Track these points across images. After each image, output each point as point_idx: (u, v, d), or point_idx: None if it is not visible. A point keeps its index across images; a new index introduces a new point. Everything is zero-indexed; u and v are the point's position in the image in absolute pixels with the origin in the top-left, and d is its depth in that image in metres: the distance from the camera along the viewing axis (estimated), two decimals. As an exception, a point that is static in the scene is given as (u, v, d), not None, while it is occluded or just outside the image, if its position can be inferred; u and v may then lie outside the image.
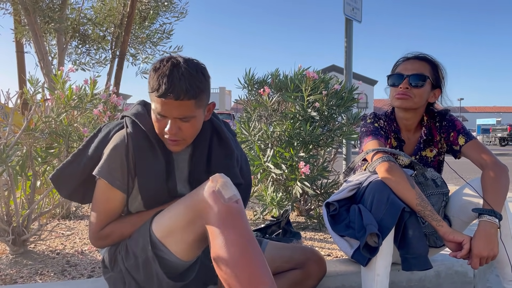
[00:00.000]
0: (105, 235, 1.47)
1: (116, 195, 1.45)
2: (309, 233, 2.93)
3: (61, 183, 1.53)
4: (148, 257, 1.36)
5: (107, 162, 1.42)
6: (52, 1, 4.40)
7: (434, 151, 1.95)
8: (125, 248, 1.44)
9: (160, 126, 1.41)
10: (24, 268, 2.03)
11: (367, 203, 1.65)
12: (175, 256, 1.36)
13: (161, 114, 1.37)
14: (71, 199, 1.60)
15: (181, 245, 1.35)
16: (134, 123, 1.47)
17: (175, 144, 1.43)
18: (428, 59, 1.90)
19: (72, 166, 1.51)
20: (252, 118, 3.29)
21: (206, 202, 1.27)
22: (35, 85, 2.31)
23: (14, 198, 2.15)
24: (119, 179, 1.42)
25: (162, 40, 5.31)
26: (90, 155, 1.50)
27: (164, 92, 1.32)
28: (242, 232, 1.25)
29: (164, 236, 1.36)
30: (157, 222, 1.39)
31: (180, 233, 1.33)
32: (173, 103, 1.33)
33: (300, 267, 1.63)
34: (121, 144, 1.42)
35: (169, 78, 1.31)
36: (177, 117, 1.37)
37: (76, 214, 3.34)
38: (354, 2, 4.19)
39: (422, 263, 1.56)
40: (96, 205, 1.47)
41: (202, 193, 1.29)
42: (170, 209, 1.39)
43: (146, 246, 1.37)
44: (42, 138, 2.17)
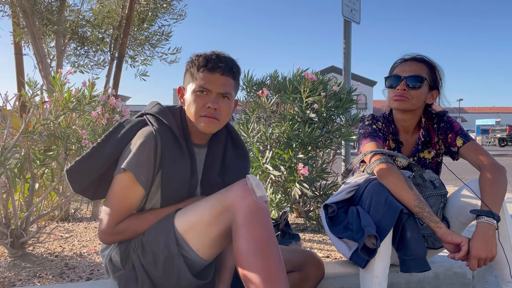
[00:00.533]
0: (120, 231, 1.46)
1: (137, 191, 1.44)
2: (308, 234, 2.93)
3: (76, 177, 1.50)
4: (172, 254, 1.38)
5: (136, 156, 1.41)
6: (51, 4, 4.39)
7: (432, 152, 1.96)
8: (141, 245, 1.43)
9: (200, 103, 1.46)
10: (22, 271, 2.02)
11: (365, 205, 1.65)
12: (194, 253, 1.39)
13: (206, 88, 1.46)
14: (82, 194, 1.57)
15: (203, 241, 1.38)
16: (159, 120, 1.49)
17: (211, 122, 1.47)
18: (426, 60, 1.90)
19: (91, 160, 1.48)
20: (251, 119, 3.29)
21: (238, 196, 1.33)
22: (34, 87, 2.31)
23: (13, 201, 2.15)
24: (144, 175, 1.43)
25: (161, 42, 5.30)
26: (111, 150, 1.48)
27: (213, 65, 1.45)
28: (266, 229, 1.32)
29: (187, 231, 1.38)
30: (181, 217, 1.41)
31: (205, 227, 1.37)
32: (219, 78, 1.47)
33: (299, 269, 1.64)
34: (150, 140, 1.43)
35: (217, 56, 1.49)
36: (220, 92, 1.47)
37: (74, 217, 3.34)
38: (353, 3, 4.20)
39: (420, 264, 1.56)
40: (113, 201, 1.45)
41: (236, 189, 1.36)
42: (195, 205, 1.42)
43: (170, 242, 1.38)
44: (41, 140, 2.17)
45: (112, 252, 1.52)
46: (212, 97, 1.47)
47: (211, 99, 1.46)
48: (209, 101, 1.46)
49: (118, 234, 1.46)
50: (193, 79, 1.48)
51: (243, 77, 3.38)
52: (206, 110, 1.46)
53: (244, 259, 1.29)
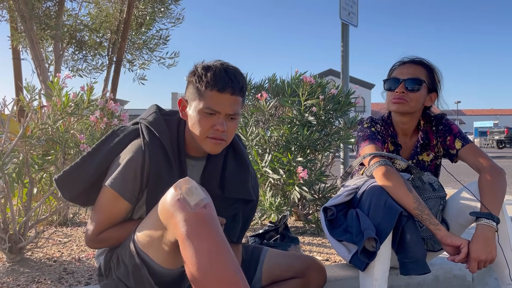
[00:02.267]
0: (102, 239, 1.45)
1: (123, 205, 1.42)
2: (308, 238, 2.93)
3: (66, 185, 1.47)
4: (137, 264, 1.33)
5: (121, 173, 1.38)
6: (49, 8, 4.40)
7: (431, 155, 1.96)
8: (117, 256, 1.42)
9: (207, 124, 1.38)
10: (21, 276, 2.01)
11: (364, 208, 1.64)
12: (159, 265, 1.32)
13: (214, 109, 1.37)
14: (73, 202, 1.55)
15: (161, 254, 1.31)
16: (151, 133, 1.44)
17: (219, 144, 1.41)
18: (424, 63, 1.90)
19: (81, 169, 1.45)
20: (249, 123, 3.29)
21: (171, 211, 1.20)
22: (32, 92, 2.31)
23: (11, 206, 2.14)
24: (130, 191, 1.40)
25: (159, 46, 5.31)
26: (103, 158, 1.45)
27: (224, 85, 1.35)
28: (212, 240, 1.18)
29: (145, 244, 1.32)
30: (139, 229, 1.36)
31: (157, 242, 1.29)
32: (228, 98, 1.37)
33: (301, 275, 1.61)
34: (137, 156, 1.39)
35: (226, 73, 1.37)
36: (228, 114, 1.39)
37: (73, 221, 3.33)
38: (350, 7, 4.21)
39: (420, 267, 1.56)
40: (99, 211, 1.43)
41: (167, 202, 1.22)
42: (148, 217, 1.35)
43: (133, 254, 1.34)
44: (39, 145, 2.17)
45: (101, 261, 1.52)
46: (221, 119, 1.38)
47: (220, 120, 1.38)
48: (217, 123, 1.38)
49: (101, 242, 1.46)
50: (199, 96, 1.38)
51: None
52: (214, 132, 1.39)
53: (197, 279, 1.16)
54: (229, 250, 1.20)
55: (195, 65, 1.44)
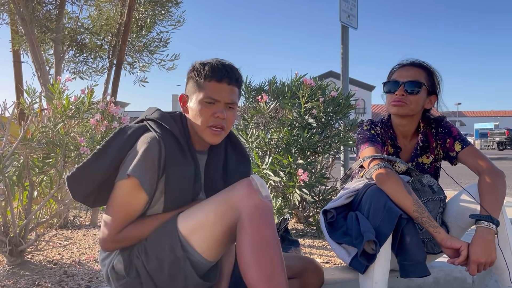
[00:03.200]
0: (122, 238, 1.44)
1: (141, 198, 1.43)
2: (308, 240, 2.93)
3: (77, 184, 1.47)
4: (178, 257, 1.37)
5: (140, 162, 1.40)
6: (49, 11, 4.41)
7: (430, 157, 1.96)
8: (145, 251, 1.42)
9: (208, 113, 1.47)
10: (21, 279, 2.02)
11: (364, 210, 1.65)
12: (200, 255, 1.39)
13: (214, 98, 1.47)
14: (82, 202, 1.54)
15: (208, 242, 1.38)
16: (161, 126, 1.49)
17: (219, 133, 1.49)
18: (424, 65, 1.91)
19: (94, 165, 1.46)
20: (250, 125, 3.30)
21: (244, 194, 1.35)
22: (32, 95, 2.31)
23: (11, 209, 2.14)
24: (149, 181, 1.42)
25: (159, 48, 5.32)
26: (113, 156, 1.46)
27: (221, 75, 1.47)
28: (270, 228, 1.34)
29: (191, 233, 1.38)
30: (184, 220, 1.41)
31: (209, 227, 1.37)
32: (226, 88, 1.48)
33: (298, 276, 1.63)
34: (154, 146, 1.42)
35: (223, 65, 1.50)
36: (227, 102, 1.49)
37: (73, 224, 3.33)
38: (350, 9, 4.22)
39: (420, 269, 1.56)
40: (116, 208, 1.43)
41: (240, 188, 1.37)
42: (198, 207, 1.42)
43: (175, 247, 1.37)
44: (39, 148, 2.17)
45: (114, 260, 1.49)
46: (220, 107, 1.48)
47: (220, 109, 1.47)
48: (217, 111, 1.47)
49: (121, 241, 1.45)
50: (199, 88, 1.48)
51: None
52: (214, 120, 1.47)
53: (247, 257, 1.31)
54: (279, 243, 1.37)
55: (192, 63, 1.55)
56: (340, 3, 4.14)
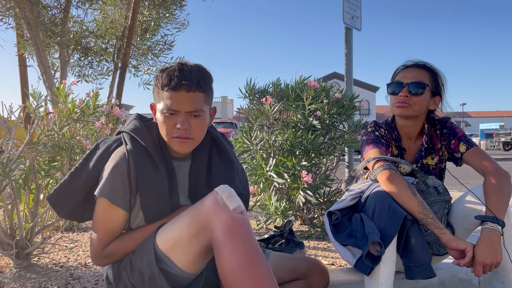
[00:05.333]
0: (108, 254, 1.45)
1: (118, 214, 1.42)
2: (313, 242, 2.93)
3: (59, 203, 1.49)
4: (154, 273, 1.35)
5: (108, 181, 1.39)
6: (54, 15, 4.45)
7: (435, 158, 1.95)
8: (130, 264, 1.42)
9: (170, 125, 1.40)
10: (27, 282, 2.03)
11: (369, 212, 1.64)
12: (180, 269, 1.36)
13: (173, 108, 1.38)
14: (69, 219, 1.57)
15: (186, 257, 1.34)
16: (133, 139, 1.45)
17: (185, 141, 1.41)
18: (427, 66, 1.90)
19: (71, 185, 1.47)
20: (254, 127, 3.30)
21: (210, 213, 1.27)
22: (38, 98, 2.33)
23: (18, 212, 2.16)
24: (121, 197, 1.40)
25: (164, 51, 5.35)
26: (89, 173, 1.46)
27: (176, 83, 1.36)
28: (247, 243, 1.25)
29: (169, 248, 1.35)
30: (161, 235, 1.38)
31: (185, 244, 1.33)
32: (185, 95, 1.37)
33: (303, 277, 1.62)
34: (122, 162, 1.40)
35: (180, 71, 1.38)
36: (188, 111, 1.39)
37: (79, 226, 3.35)
38: (354, 10, 4.22)
39: (425, 271, 1.56)
40: (97, 225, 1.44)
41: (207, 204, 1.29)
42: (174, 222, 1.38)
43: (151, 262, 1.36)
44: (45, 151, 2.18)
45: (108, 270, 1.52)
46: (181, 117, 1.39)
47: (180, 119, 1.39)
48: (178, 122, 1.39)
49: (108, 257, 1.46)
50: (159, 98, 1.42)
51: (246, 85, 3.40)
52: (177, 131, 1.40)
53: (230, 279, 1.24)
54: (262, 255, 1.27)
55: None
56: (344, 4, 4.14)
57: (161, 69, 1.44)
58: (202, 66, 1.47)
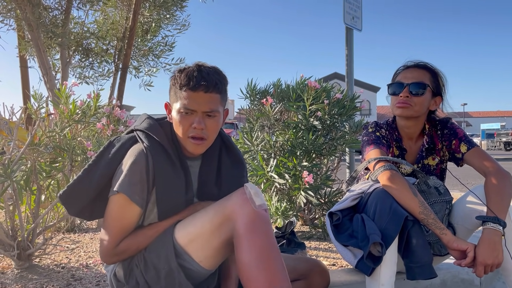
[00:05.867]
0: (121, 251, 1.45)
1: (134, 211, 1.43)
2: (314, 242, 2.93)
3: (71, 200, 1.49)
4: (172, 268, 1.37)
5: (127, 177, 1.40)
6: (55, 17, 4.45)
7: (436, 159, 1.95)
8: (143, 260, 1.43)
9: (186, 124, 1.43)
10: (29, 283, 2.03)
11: (370, 212, 1.65)
12: (197, 264, 1.38)
13: (190, 108, 1.41)
14: (79, 217, 1.56)
15: (206, 251, 1.38)
16: (149, 136, 1.47)
17: (200, 143, 1.45)
18: (428, 67, 1.90)
19: (84, 183, 1.47)
20: (255, 128, 3.30)
21: (237, 206, 1.33)
22: (39, 100, 2.34)
23: (19, 213, 2.16)
24: (139, 194, 1.41)
25: (165, 52, 5.35)
26: (103, 170, 1.46)
27: (195, 84, 1.40)
28: (267, 238, 1.32)
29: (188, 243, 1.38)
30: (181, 230, 1.40)
31: (206, 237, 1.36)
32: (203, 96, 1.41)
33: (304, 278, 1.63)
34: (141, 159, 1.41)
35: (199, 72, 1.42)
36: (205, 111, 1.43)
37: (80, 227, 3.35)
38: (354, 11, 4.22)
39: (426, 271, 1.56)
40: (110, 222, 1.44)
41: (234, 198, 1.35)
42: (195, 216, 1.41)
43: (170, 257, 1.37)
44: (46, 152, 2.19)
45: (117, 267, 1.51)
46: (198, 117, 1.43)
47: (197, 119, 1.42)
48: (194, 122, 1.42)
49: (120, 254, 1.46)
50: (177, 98, 1.45)
51: (247, 85, 3.41)
52: (193, 131, 1.43)
53: (247, 270, 1.29)
54: (279, 252, 1.35)
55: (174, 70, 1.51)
56: (344, 5, 4.14)
57: (179, 69, 1.46)
58: (219, 68, 1.50)
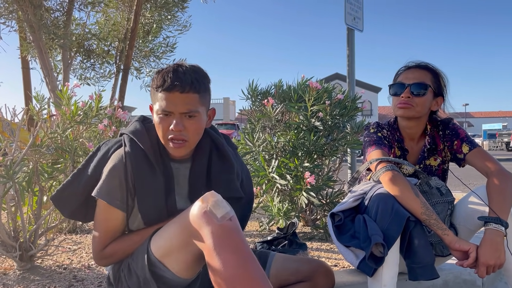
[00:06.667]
0: (108, 255, 1.46)
1: (116, 215, 1.44)
2: (316, 243, 2.92)
3: (62, 203, 1.53)
4: (147, 278, 1.36)
5: (105, 183, 1.42)
6: (57, 18, 4.46)
7: (438, 159, 1.95)
8: (128, 266, 1.43)
9: (165, 126, 1.40)
10: (31, 284, 2.03)
11: (371, 213, 1.64)
12: (175, 275, 1.35)
13: (167, 110, 1.38)
14: (73, 218, 1.60)
15: (180, 264, 1.34)
16: (132, 141, 1.46)
17: (180, 146, 1.41)
18: (429, 67, 1.90)
19: (72, 186, 1.51)
20: (256, 129, 3.30)
21: (198, 223, 1.24)
22: (41, 101, 2.34)
23: (21, 214, 2.17)
24: (118, 198, 1.42)
25: (166, 53, 5.36)
26: (89, 174, 1.49)
27: (170, 84, 1.36)
28: (239, 251, 1.22)
29: (163, 255, 1.34)
30: (155, 242, 1.37)
31: (177, 253, 1.32)
32: (179, 96, 1.37)
33: (308, 279, 1.61)
34: (119, 164, 1.42)
35: (174, 72, 1.38)
36: (182, 112, 1.38)
37: (82, 228, 3.35)
38: (355, 12, 4.22)
39: (428, 272, 1.55)
40: (97, 225, 1.46)
41: (194, 214, 1.26)
42: (165, 229, 1.37)
43: (144, 266, 1.36)
44: (48, 153, 2.19)
45: (110, 271, 1.53)
46: (175, 119, 1.39)
47: (174, 120, 1.38)
48: (172, 123, 1.39)
49: (108, 258, 1.47)
50: (155, 99, 1.42)
51: (248, 86, 3.41)
52: (171, 133, 1.40)
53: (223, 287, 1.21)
54: (255, 261, 1.24)
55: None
56: (346, 6, 4.14)
57: (157, 70, 1.44)
58: (199, 66, 1.46)
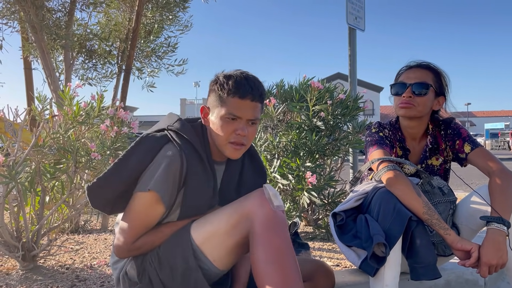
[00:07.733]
0: (137, 247, 1.46)
1: (160, 210, 1.44)
2: (318, 243, 2.92)
3: (97, 193, 1.47)
4: (190, 267, 1.39)
5: (162, 177, 1.40)
6: (59, 18, 4.46)
7: (440, 159, 1.95)
8: (158, 258, 1.43)
9: (229, 129, 1.46)
10: (34, 284, 2.04)
11: (373, 213, 1.64)
12: (211, 264, 1.40)
13: (236, 115, 1.45)
14: (101, 210, 1.55)
15: (220, 251, 1.40)
16: (183, 138, 1.47)
17: (239, 149, 1.48)
18: (431, 67, 1.90)
19: (115, 175, 1.45)
20: (258, 128, 3.30)
21: (255, 205, 1.36)
22: (43, 101, 2.35)
23: (24, 214, 2.17)
24: (169, 194, 1.42)
25: (167, 53, 5.35)
26: (133, 166, 1.45)
27: (245, 92, 1.44)
28: (284, 238, 1.35)
29: (203, 242, 1.39)
30: (197, 228, 1.42)
31: (222, 237, 1.38)
32: (249, 104, 1.45)
33: (308, 279, 1.62)
34: (175, 161, 1.42)
35: (248, 81, 1.47)
36: (249, 119, 1.47)
37: (84, 228, 3.36)
38: (357, 11, 4.22)
39: (430, 272, 1.55)
40: (133, 218, 1.44)
41: (253, 198, 1.38)
42: (212, 215, 1.43)
43: (188, 256, 1.39)
44: (51, 154, 2.20)
45: (127, 266, 1.50)
46: (242, 124, 1.46)
47: (241, 126, 1.46)
48: (239, 128, 1.45)
49: (135, 250, 1.46)
50: (221, 103, 1.46)
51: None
52: (235, 137, 1.46)
53: (262, 268, 1.31)
54: (293, 250, 1.37)
55: (216, 74, 1.52)
56: (347, 5, 4.14)
57: (224, 75, 1.48)
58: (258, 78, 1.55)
